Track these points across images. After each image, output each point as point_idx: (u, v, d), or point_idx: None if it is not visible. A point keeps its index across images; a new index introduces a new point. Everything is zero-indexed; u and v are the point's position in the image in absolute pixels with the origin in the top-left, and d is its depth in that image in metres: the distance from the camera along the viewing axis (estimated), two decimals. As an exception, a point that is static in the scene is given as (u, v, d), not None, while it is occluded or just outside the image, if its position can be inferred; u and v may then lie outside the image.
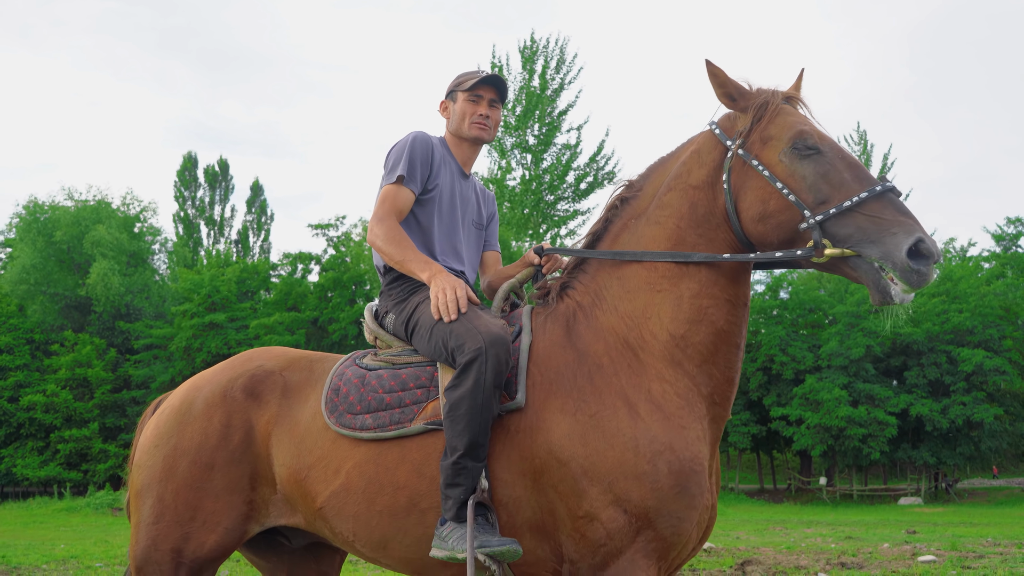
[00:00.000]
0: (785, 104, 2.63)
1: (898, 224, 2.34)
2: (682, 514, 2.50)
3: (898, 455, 36.51)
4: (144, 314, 42.33)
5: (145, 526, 3.03)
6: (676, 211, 2.70)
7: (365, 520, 2.80)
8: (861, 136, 49.90)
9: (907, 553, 11.60)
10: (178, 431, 3.08)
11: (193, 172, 56.60)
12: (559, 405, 2.61)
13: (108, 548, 14.29)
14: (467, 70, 3.25)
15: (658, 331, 2.63)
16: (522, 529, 2.63)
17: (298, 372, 3.11)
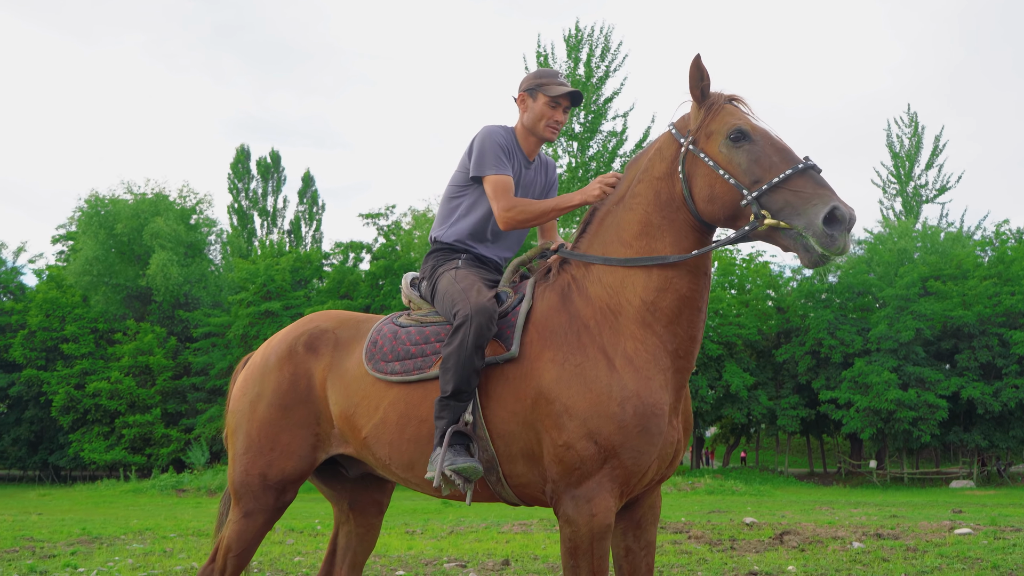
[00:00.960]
0: (727, 104, 3.12)
1: (816, 196, 2.79)
2: (642, 448, 3.06)
3: (950, 438, 36.32)
4: (202, 303, 43.55)
5: (238, 457, 3.80)
6: (644, 198, 3.24)
7: (397, 446, 3.47)
8: (912, 118, 49.37)
9: (945, 528, 11.86)
10: (259, 381, 3.83)
11: (246, 164, 57.81)
12: (550, 356, 3.19)
13: (178, 522, 15.11)
14: (547, 71, 3.75)
15: (632, 298, 3.17)
16: (516, 456, 3.25)
17: (347, 329, 3.82)
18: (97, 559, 8.90)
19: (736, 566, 7.89)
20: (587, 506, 3.03)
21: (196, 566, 8.10)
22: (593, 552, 3.02)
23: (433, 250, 3.78)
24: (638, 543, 3.38)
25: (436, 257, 3.74)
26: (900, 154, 49.04)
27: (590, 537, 3.02)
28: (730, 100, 3.15)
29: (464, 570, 7.67)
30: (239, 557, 3.82)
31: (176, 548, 10.08)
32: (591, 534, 3.02)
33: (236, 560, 3.82)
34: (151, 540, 11.34)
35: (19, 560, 9.03)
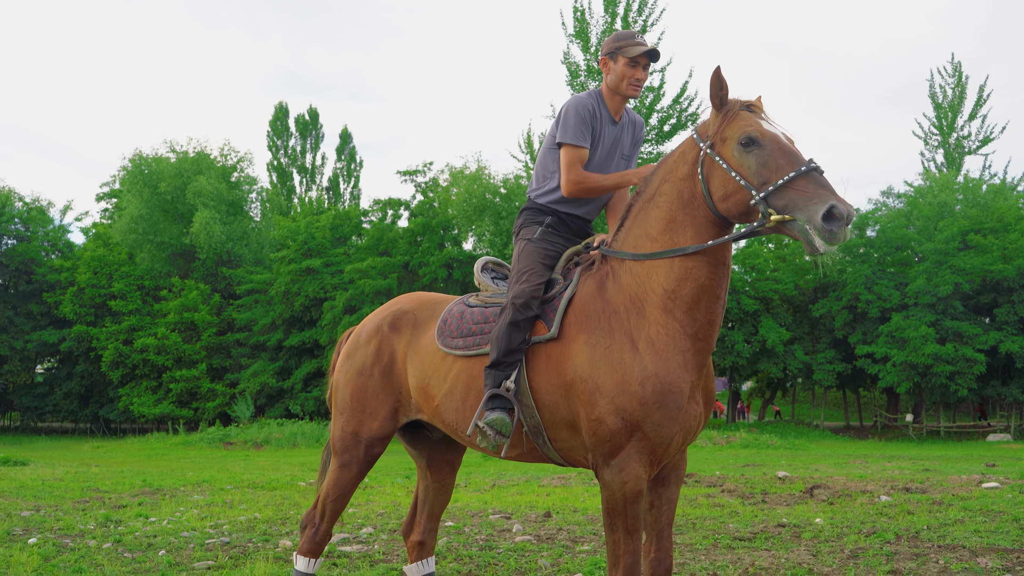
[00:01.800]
0: (743, 111, 3.42)
1: (817, 195, 3.08)
2: (663, 423, 3.42)
3: (987, 392, 36.29)
4: (243, 261, 44.35)
5: (336, 417, 4.41)
6: (669, 198, 3.57)
7: (462, 412, 3.94)
8: (955, 68, 48.52)
9: (974, 482, 12.17)
10: (353, 354, 4.43)
11: (285, 122, 58.31)
12: (585, 339, 3.59)
13: (231, 475, 15.81)
14: (625, 33, 4.07)
15: (656, 287, 3.51)
16: (560, 424, 3.68)
17: (425, 310, 4.34)
18: (165, 510, 9.51)
19: (766, 519, 8.30)
20: (620, 474, 3.44)
21: (259, 517, 8.68)
22: (627, 513, 3.44)
23: (526, 207, 4.24)
24: (660, 499, 3.78)
25: (525, 216, 4.20)
26: (943, 105, 48.33)
27: (623, 501, 3.43)
28: (747, 106, 3.45)
29: (508, 521, 8.16)
30: (336, 502, 4.40)
31: (235, 500, 10.68)
32: (624, 498, 3.43)
33: (333, 504, 4.40)
34: (210, 492, 11.99)
35: (93, 510, 9.67)
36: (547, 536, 7.24)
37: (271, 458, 25.62)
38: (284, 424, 34.99)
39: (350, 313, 38.21)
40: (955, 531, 7.36)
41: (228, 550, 6.67)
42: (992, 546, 6.51)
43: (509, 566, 5.92)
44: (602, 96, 4.14)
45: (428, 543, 4.68)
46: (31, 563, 5.94)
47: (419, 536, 4.65)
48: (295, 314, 40.55)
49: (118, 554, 6.50)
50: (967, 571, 5.62)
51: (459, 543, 6.90)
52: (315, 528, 4.42)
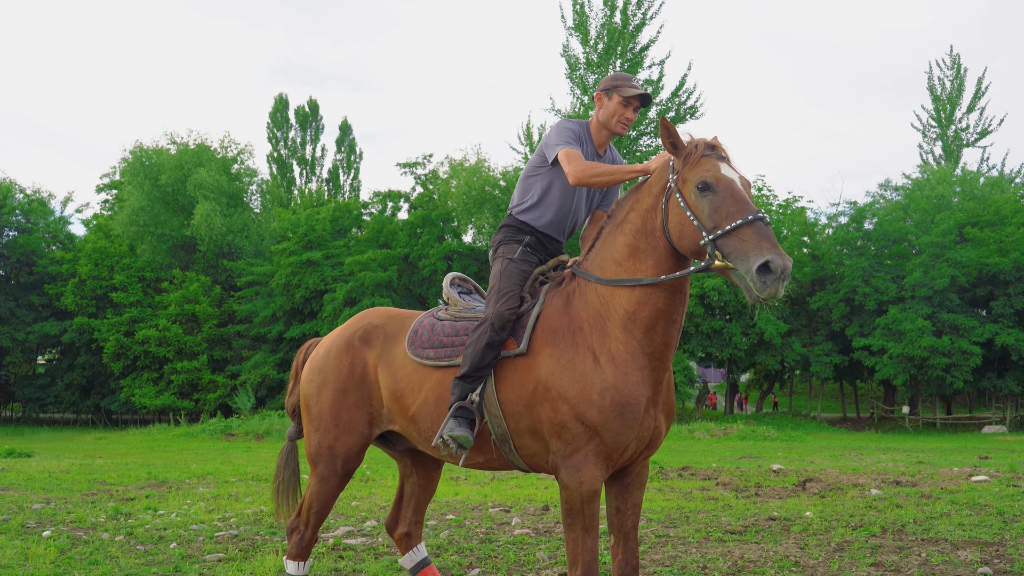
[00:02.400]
0: (705, 155, 3.62)
1: (756, 247, 3.29)
2: (620, 430, 3.68)
3: (983, 384, 36.57)
4: (244, 253, 44.55)
5: (310, 433, 4.55)
6: (634, 226, 3.80)
7: (437, 421, 4.12)
8: (954, 60, 48.69)
9: (964, 475, 12.41)
10: (322, 369, 4.56)
11: (285, 113, 58.44)
12: (550, 352, 3.84)
13: (234, 467, 16.06)
14: (623, 75, 4.31)
15: (618, 307, 3.76)
16: (524, 432, 3.91)
17: (394, 324, 4.51)
18: (172, 503, 9.75)
19: (758, 512, 8.54)
20: (577, 475, 3.68)
21: (265, 510, 8.91)
22: (584, 511, 3.68)
23: (506, 223, 4.41)
24: (626, 504, 4.03)
25: (505, 232, 4.37)
26: (941, 97, 48.51)
27: (581, 500, 3.67)
28: (710, 148, 3.65)
29: (508, 514, 8.40)
30: (318, 513, 4.60)
31: (240, 492, 10.92)
32: (582, 497, 3.67)
33: (316, 515, 4.61)
34: (214, 484, 12.23)
35: (101, 503, 9.91)
36: (545, 529, 7.48)
37: (273, 450, 25.85)
38: (285, 416, 35.21)
39: (350, 305, 38.43)
40: (940, 524, 7.60)
41: (237, 543, 6.91)
42: (974, 539, 6.75)
43: (508, 558, 6.16)
44: (590, 128, 4.35)
45: (415, 533, 4.91)
46: (48, 556, 6.17)
47: (405, 528, 4.88)
48: (296, 306, 40.78)
49: (131, 547, 6.74)
50: (947, 564, 5.86)
51: (460, 536, 7.13)
52: (301, 534, 4.63)
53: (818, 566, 5.83)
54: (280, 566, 5.80)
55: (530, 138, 51.25)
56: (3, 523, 7.92)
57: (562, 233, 4.42)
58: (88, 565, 6.00)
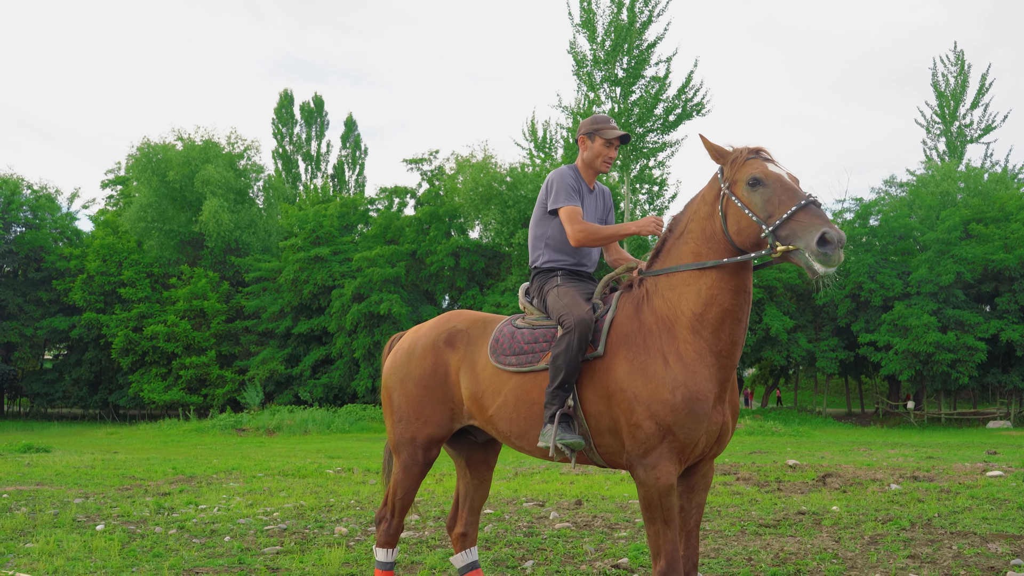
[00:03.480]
0: (750, 157, 3.95)
1: (812, 224, 3.59)
2: (691, 426, 3.91)
3: (988, 379, 36.83)
4: (251, 249, 44.77)
5: (394, 424, 4.83)
6: (695, 235, 4.09)
7: (515, 421, 4.41)
8: (958, 57, 48.85)
9: (978, 470, 12.65)
10: (406, 364, 4.83)
11: (290, 109, 58.65)
12: (623, 355, 4.09)
13: (256, 462, 16.31)
14: (601, 117, 4.73)
15: (686, 311, 4.02)
16: (604, 431, 4.16)
17: (477, 329, 4.76)
18: (210, 497, 9.98)
19: (786, 506, 8.77)
20: (653, 471, 3.91)
21: (304, 504, 9.15)
22: (662, 505, 3.91)
23: (535, 274, 4.75)
24: (690, 503, 4.27)
25: (539, 279, 4.71)
26: (945, 93, 48.70)
27: (659, 494, 3.91)
28: (755, 152, 3.99)
29: (543, 509, 8.64)
30: (403, 500, 4.87)
31: (272, 487, 11.16)
32: (659, 492, 3.91)
33: (401, 502, 4.88)
34: (243, 479, 12.46)
35: (138, 497, 10.15)
36: (584, 523, 7.72)
37: (285, 444, 26.13)
38: (294, 411, 35.53)
39: (358, 301, 38.68)
40: (965, 518, 7.83)
41: (288, 536, 7.15)
42: (1001, 532, 6.99)
43: (557, 550, 6.39)
44: (578, 170, 4.77)
45: (470, 534, 5.13)
46: (112, 549, 6.40)
47: (462, 528, 5.11)
48: (303, 302, 41.03)
49: (187, 540, 6.97)
50: (980, 556, 6.09)
51: (503, 529, 7.37)
52: (388, 523, 4.88)
53: (856, 558, 6.07)
54: (342, 558, 6.04)
55: (534, 133, 51.43)
56: (54, 517, 8.16)
57: (588, 263, 4.79)
58: (152, 557, 6.23)
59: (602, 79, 38.28)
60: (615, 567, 5.83)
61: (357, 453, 20.18)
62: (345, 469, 13.98)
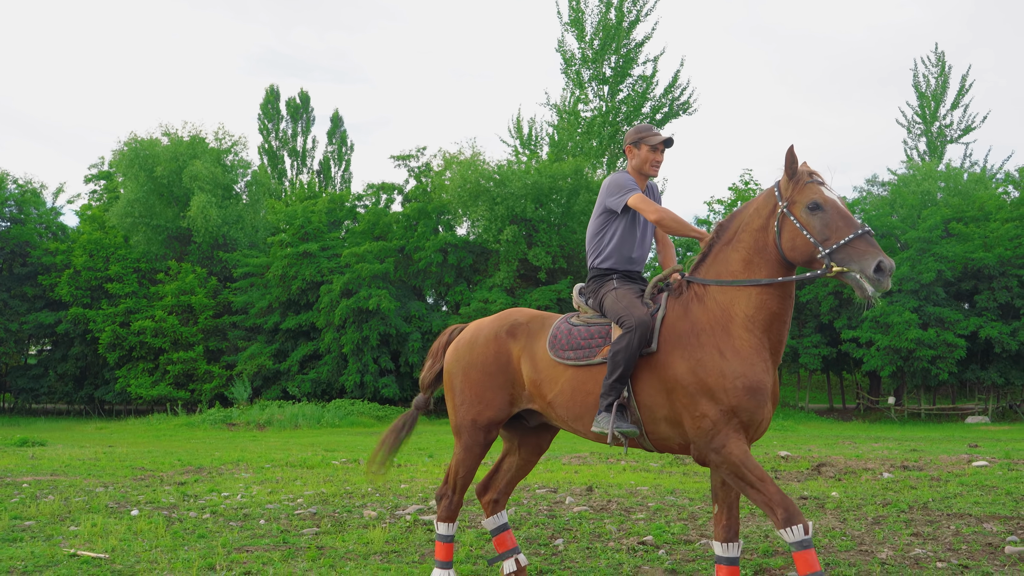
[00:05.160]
0: (809, 181, 4.34)
1: (869, 254, 4.04)
2: (753, 409, 4.32)
3: (967, 376, 37.54)
4: (239, 244, 44.85)
5: (456, 407, 5.18)
6: (746, 244, 4.48)
7: (571, 408, 4.80)
8: (939, 58, 49.60)
9: (964, 460, 13.15)
10: (469, 352, 5.20)
11: (276, 105, 58.70)
12: (680, 353, 4.47)
13: (259, 454, 16.60)
14: (645, 127, 5.09)
15: (738, 312, 4.42)
16: (660, 420, 4.55)
17: (536, 323, 5.16)
18: (228, 486, 10.29)
19: (788, 492, 9.20)
20: (724, 450, 4.28)
21: (325, 491, 9.49)
22: (748, 468, 4.23)
23: (592, 276, 5.12)
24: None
25: (595, 281, 5.09)
26: (926, 93, 49.46)
27: (740, 463, 4.25)
28: (811, 175, 4.39)
29: (556, 494, 9.02)
30: (464, 479, 5.23)
31: (285, 477, 11.47)
32: (739, 462, 4.25)
33: (463, 481, 5.24)
34: (252, 470, 12.75)
35: (155, 486, 10.44)
36: (600, 507, 8.11)
37: (278, 438, 26.36)
38: (284, 406, 35.73)
39: (347, 296, 38.91)
40: (958, 503, 8.28)
41: (321, 519, 7.49)
42: (994, 514, 7.44)
43: (583, 530, 6.78)
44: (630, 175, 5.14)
45: (501, 501, 5.52)
46: (158, 530, 6.73)
47: (495, 495, 5.49)
48: (292, 297, 41.20)
49: (224, 523, 7.30)
50: (977, 534, 6.52)
51: (526, 512, 7.75)
52: (449, 499, 5.23)
53: (863, 536, 6.49)
54: (384, 537, 6.39)
55: (519, 131, 51.83)
56: (86, 504, 8.45)
57: (640, 265, 5.17)
58: (197, 538, 6.55)
59: (590, 77, 38.75)
60: (641, 544, 6.22)
61: (353, 446, 20.47)
62: (351, 460, 14.31)
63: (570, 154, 44.64)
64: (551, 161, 42.88)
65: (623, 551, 6.06)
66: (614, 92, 38.49)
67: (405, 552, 6.10)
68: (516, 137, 52.10)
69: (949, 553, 5.90)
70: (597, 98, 38.99)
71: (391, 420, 36.58)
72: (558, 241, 40.83)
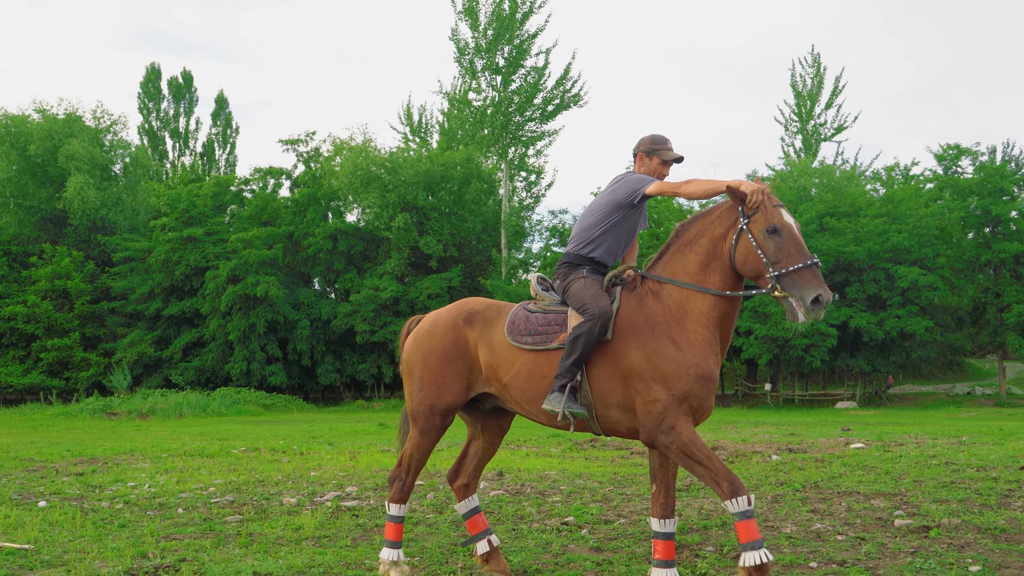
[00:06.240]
0: (772, 206, 4.62)
1: (812, 284, 4.37)
2: (702, 396, 4.67)
3: (837, 363, 39.54)
4: (118, 227, 43.29)
5: (415, 393, 5.33)
6: (704, 249, 4.79)
7: (526, 391, 5.03)
8: (815, 59, 51.76)
9: (842, 443, 14.01)
10: (428, 341, 5.36)
11: (157, 84, 56.81)
12: (633, 343, 4.77)
13: (149, 444, 16.24)
14: (660, 137, 5.26)
15: (694, 309, 4.76)
16: (612, 405, 4.83)
17: (492, 311, 5.36)
18: (130, 476, 10.12)
19: (687, 474, 9.66)
20: (673, 431, 4.59)
21: (235, 480, 9.45)
22: (696, 447, 4.55)
23: (565, 260, 5.30)
24: (667, 461, 4.95)
25: (567, 267, 5.28)
26: (802, 93, 51.63)
27: (688, 443, 4.55)
28: (772, 199, 4.67)
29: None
30: (419, 462, 5.40)
31: (187, 467, 11.33)
32: (688, 443, 4.55)
33: (417, 464, 5.40)
34: (150, 460, 12.51)
35: (52, 476, 10.17)
36: (515, 491, 8.37)
37: (163, 428, 25.68)
38: (167, 394, 34.81)
39: (234, 283, 38.15)
40: (844, 482, 8.90)
41: (240, 507, 7.50)
42: (879, 492, 8.04)
43: (506, 512, 7.02)
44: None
45: (471, 485, 5.72)
46: (75, 521, 6.63)
47: (465, 480, 5.68)
48: (175, 283, 40.11)
49: (140, 513, 7.23)
50: (867, 509, 7.07)
51: (446, 497, 7.94)
52: (402, 481, 5.38)
53: (766, 513, 6.95)
54: (316, 523, 6.47)
55: (410, 118, 51.72)
56: (-13, 495, 8.20)
57: (613, 261, 5.40)
58: (118, 528, 6.50)
59: (483, 67, 38.95)
60: (564, 524, 6.51)
61: (245, 435, 20.17)
62: (251, 449, 14.19)
63: (461, 143, 44.83)
64: (442, 149, 42.99)
65: (548, 531, 6.34)
66: (507, 82, 38.81)
67: (337, 537, 6.21)
68: (406, 124, 51.96)
69: (846, 527, 6.40)
70: (490, 88, 39.24)
71: (279, 408, 36.30)
72: (449, 229, 40.99)
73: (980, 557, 5.39)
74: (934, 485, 8.50)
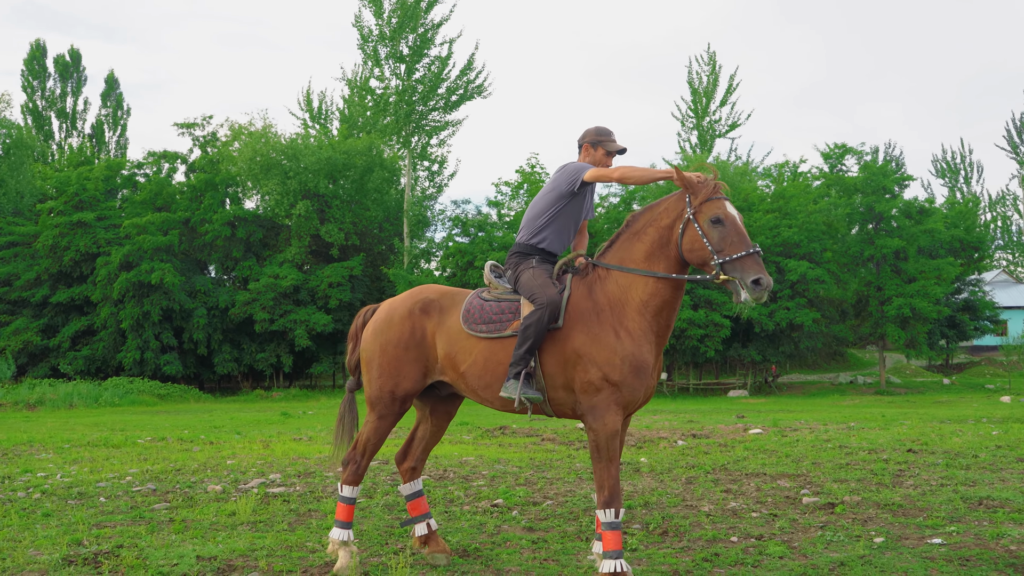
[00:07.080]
0: (717, 197, 4.90)
1: (753, 269, 4.66)
2: (635, 386, 4.93)
3: (730, 353, 40.91)
4: (1, 211, 41.43)
5: (373, 380, 5.44)
6: (652, 238, 5.04)
7: (483, 377, 5.20)
8: (711, 57, 53.24)
9: (741, 429, 14.64)
10: (386, 330, 5.47)
11: (42, 61, 54.45)
12: (580, 328, 5.01)
13: (46, 435, 15.76)
14: (605, 129, 5.49)
15: (634, 296, 5.01)
16: (559, 387, 5.06)
17: (448, 300, 5.50)
18: (38, 466, 9.87)
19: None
20: (602, 419, 4.85)
21: (152, 469, 9.33)
22: (608, 447, 4.85)
23: (515, 251, 5.48)
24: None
25: (518, 257, 5.46)
26: (699, 90, 53.07)
27: (606, 438, 4.84)
28: (717, 191, 4.93)
29: (388, 465, 9.35)
30: (375, 446, 5.51)
31: (96, 456, 11.10)
32: (606, 436, 4.84)
33: (372, 447, 5.51)
34: (53, 450, 12.18)
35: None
36: (439, 476, 8.54)
37: (54, 419, 24.81)
38: (55, 384, 33.58)
39: (127, 269, 37.00)
40: (750, 464, 9.38)
41: (165, 495, 7.45)
42: (783, 473, 8.53)
43: (435, 496, 7.18)
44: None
45: (419, 468, 5.88)
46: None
47: (412, 463, 5.83)
48: (64, 269, 38.64)
49: (62, 503, 7.12)
50: (775, 489, 7.52)
51: (372, 483, 8.04)
52: (356, 464, 5.48)
53: (683, 493, 7.31)
54: (251, 507, 6.51)
55: (310, 105, 50.99)
56: None
57: (562, 249, 5.59)
58: (43, 517, 6.40)
59: (387, 55, 38.72)
60: (494, 506, 6.73)
61: (144, 425, 19.70)
62: (157, 439, 13.95)
63: (362, 130, 44.45)
64: (344, 137, 42.52)
65: (480, 513, 6.55)
66: (410, 71, 38.67)
67: (273, 522, 6.28)
68: (306, 111, 51.18)
69: (759, 505, 6.81)
70: (394, 76, 39.05)
71: (174, 398, 35.44)
72: (351, 218, 40.62)
73: (882, 530, 5.84)
74: (832, 467, 9.05)
